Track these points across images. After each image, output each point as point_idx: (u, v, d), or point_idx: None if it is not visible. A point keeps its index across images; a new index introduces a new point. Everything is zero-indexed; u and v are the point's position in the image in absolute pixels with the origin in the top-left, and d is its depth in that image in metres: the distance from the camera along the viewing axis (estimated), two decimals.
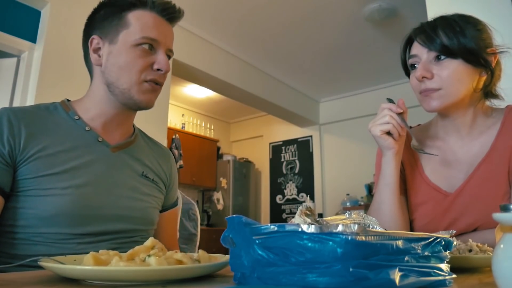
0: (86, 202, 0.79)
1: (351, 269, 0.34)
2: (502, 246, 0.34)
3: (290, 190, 5.82)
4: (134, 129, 0.99)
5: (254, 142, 6.59)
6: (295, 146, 5.90)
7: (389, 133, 0.90)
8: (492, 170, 0.90)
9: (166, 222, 1.02)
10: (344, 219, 0.54)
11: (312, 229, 0.36)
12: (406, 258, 0.40)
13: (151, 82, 0.86)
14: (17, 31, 2.48)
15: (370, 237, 0.36)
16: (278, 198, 5.93)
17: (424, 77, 0.88)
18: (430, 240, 0.44)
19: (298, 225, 0.37)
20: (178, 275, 0.46)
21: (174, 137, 4.96)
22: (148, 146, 1.01)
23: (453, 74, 0.87)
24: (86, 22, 0.91)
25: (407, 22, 3.48)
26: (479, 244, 0.65)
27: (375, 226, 0.52)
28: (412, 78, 0.93)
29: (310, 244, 0.36)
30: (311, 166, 5.65)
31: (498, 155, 0.90)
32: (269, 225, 0.39)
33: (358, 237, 0.35)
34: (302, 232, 0.37)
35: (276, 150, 6.14)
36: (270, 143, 6.23)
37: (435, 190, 0.95)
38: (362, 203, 4.72)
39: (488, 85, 0.91)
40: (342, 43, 4.02)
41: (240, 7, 3.42)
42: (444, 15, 0.92)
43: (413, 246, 0.41)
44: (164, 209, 1.01)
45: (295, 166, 5.84)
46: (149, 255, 0.47)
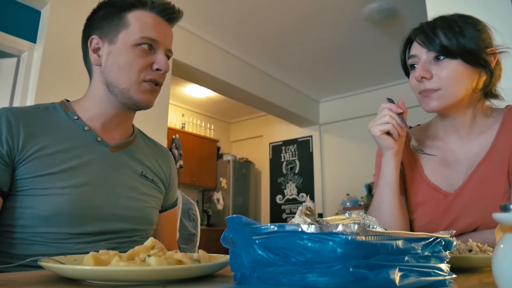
0: (85, 201, 0.79)
1: (351, 269, 0.34)
2: (502, 246, 0.34)
3: (290, 190, 5.82)
4: (134, 129, 0.99)
5: (254, 142, 6.59)
6: (295, 146, 5.90)
7: (388, 133, 0.90)
8: (492, 170, 0.90)
9: (165, 222, 1.02)
10: (344, 219, 0.54)
11: (312, 229, 0.36)
12: (406, 258, 0.40)
13: (151, 82, 0.87)
14: (17, 31, 2.48)
15: (370, 237, 0.36)
16: (278, 198, 5.93)
17: (423, 77, 0.88)
18: (430, 240, 0.44)
19: (298, 225, 0.37)
20: (178, 275, 0.46)
21: (174, 137, 4.97)
22: (147, 146, 1.01)
23: (452, 74, 0.87)
24: (86, 22, 0.91)
25: (407, 22, 3.48)
26: (479, 244, 0.65)
27: (375, 226, 0.52)
28: (411, 79, 0.93)
29: (310, 244, 0.36)
30: (311, 166, 5.65)
31: (497, 155, 0.90)
32: (269, 225, 0.39)
33: (358, 237, 0.35)
34: (302, 232, 0.37)
35: (276, 150, 6.14)
36: (270, 143, 6.23)
37: (435, 190, 0.95)
38: (362, 203, 4.73)
39: (487, 85, 0.90)
40: (342, 43, 4.02)
41: (240, 7, 3.42)
42: (443, 15, 0.92)
43: (413, 246, 0.41)
44: (163, 209, 1.01)
45: (295, 166, 5.84)
46: (149, 255, 0.47)
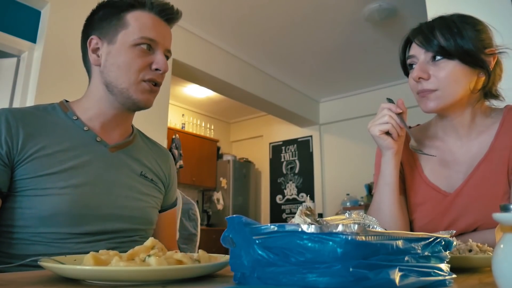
0: (84, 201, 0.79)
1: (351, 269, 0.34)
2: (502, 246, 0.34)
3: (290, 190, 5.82)
4: (133, 129, 0.99)
5: (254, 142, 6.59)
6: (295, 146, 5.90)
7: (388, 133, 0.90)
8: (491, 170, 0.90)
9: (165, 222, 1.02)
10: (344, 219, 0.54)
11: (312, 229, 0.36)
12: (406, 258, 0.40)
13: (150, 82, 0.87)
14: (17, 31, 2.48)
15: (370, 237, 0.36)
16: (278, 198, 5.93)
17: (420, 78, 0.88)
18: (430, 240, 0.44)
19: (298, 225, 0.37)
20: (178, 275, 0.46)
21: (174, 137, 4.97)
22: (147, 147, 1.01)
23: (449, 75, 0.86)
24: (85, 23, 0.91)
25: (407, 22, 3.48)
26: (479, 244, 0.65)
27: (375, 226, 0.52)
28: (410, 79, 0.93)
29: (310, 244, 0.36)
30: (311, 166, 5.65)
31: (497, 155, 0.90)
32: (269, 225, 0.39)
33: (358, 237, 0.35)
34: (302, 232, 0.37)
35: (276, 150, 6.13)
36: (270, 143, 6.23)
37: (435, 190, 0.95)
38: (362, 203, 4.73)
39: (486, 85, 0.90)
40: (342, 43, 4.02)
41: (240, 7, 3.42)
42: (443, 16, 0.92)
43: (413, 246, 0.41)
44: (163, 209, 1.01)
45: (295, 166, 5.84)
46: (149, 255, 0.47)
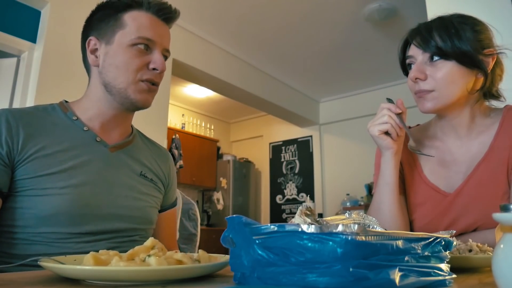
0: (84, 201, 0.79)
1: (351, 269, 0.34)
2: (502, 246, 0.34)
3: (290, 190, 5.82)
4: (133, 129, 0.99)
5: (254, 142, 6.59)
6: (295, 146, 5.90)
7: (387, 133, 0.90)
8: (491, 170, 0.89)
9: (165, 222, 1.02)
10: (344, 219, 0.54)
11: (312, 229, 0.36)
12: (406, 258, 0.40)
13: (147, 81, 0.87)
14: (17, 31, 2.48)
15: (370, 237, 0.36)
16: (278, 198, 5.93)
17: (417, 78, 0.88)
18: (430, 240, 0.44)
19: (298, 225, 0.37)
20: (178, 275, 0.46)
21: (174, 137, 4.97)
22: (146, 147, 1.01)
23: (446, 75, 0.86)
24: (84, 24, 0.92)
25: (407, 22, 3.48)
26: (479, 244, 0.65)
27: (375, 226, 0.52)
28: (408, 79, 0.93)
29: (310, 244, 0.36)
30: (311, 166, 5.65)
31: (497, 155, 0.90)
32: (269, 225, 0.39)
33: (358, 237, 0.35)
34: (302, 232, 0.37)
35: (276, 150, 6.13)
36: (270, 143, 6.23)
37: (434, 191, 0.95)
38: (362, 203, 4.73)
39: (484, 86, 0.89)
40: (342, 43, 4.02)
41: (240, 7, 3.42)
42: (442, 16, 0.91)
43: (413, 246, 0.41)
44: (163, 209, 1.01)
45: (295, 166, 5.84)
46: (149, 255, 0.47)
